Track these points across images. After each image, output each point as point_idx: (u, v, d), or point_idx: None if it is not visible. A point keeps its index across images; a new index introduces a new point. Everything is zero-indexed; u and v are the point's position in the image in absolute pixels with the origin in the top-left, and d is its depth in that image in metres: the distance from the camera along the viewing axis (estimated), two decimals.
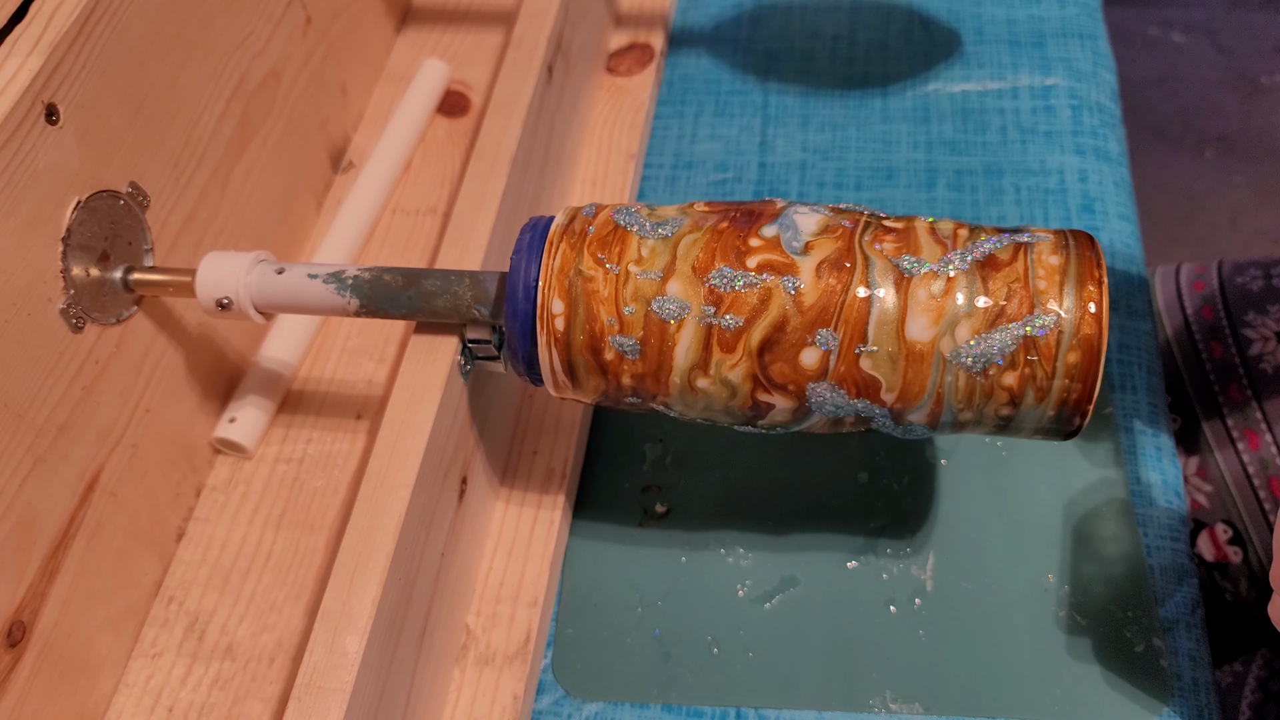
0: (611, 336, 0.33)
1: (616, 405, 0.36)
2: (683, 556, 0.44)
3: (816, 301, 0.32)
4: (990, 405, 0.32)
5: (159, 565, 0.43)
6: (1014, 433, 0.34)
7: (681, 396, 0.34)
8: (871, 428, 0.34)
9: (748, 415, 0.34)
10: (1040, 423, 0.33)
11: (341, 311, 0.37)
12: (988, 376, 0.31)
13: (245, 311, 0.37)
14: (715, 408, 0.34)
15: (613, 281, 0.33)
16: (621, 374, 0.34)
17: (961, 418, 0.33)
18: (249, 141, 0.47)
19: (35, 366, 0.35)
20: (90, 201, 0.37)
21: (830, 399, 0.33)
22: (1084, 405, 0.32)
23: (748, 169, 0.56)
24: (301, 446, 0.47)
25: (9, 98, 0.33)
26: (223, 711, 0.40)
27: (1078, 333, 0.31)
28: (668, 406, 0.35)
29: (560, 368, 0.35)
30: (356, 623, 0.32)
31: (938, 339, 0.31)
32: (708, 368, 0.33)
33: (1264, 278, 0.56)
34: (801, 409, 0.33)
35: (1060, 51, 0.58)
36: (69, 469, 0.37)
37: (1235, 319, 0.55)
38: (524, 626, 0.41)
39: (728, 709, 0.40)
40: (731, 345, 0.32)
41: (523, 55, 0.46)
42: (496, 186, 0.42)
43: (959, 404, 0.32)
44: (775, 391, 0.33)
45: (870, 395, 0.32)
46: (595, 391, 0.35)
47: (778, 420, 0.34)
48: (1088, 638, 0.40)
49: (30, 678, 0.36)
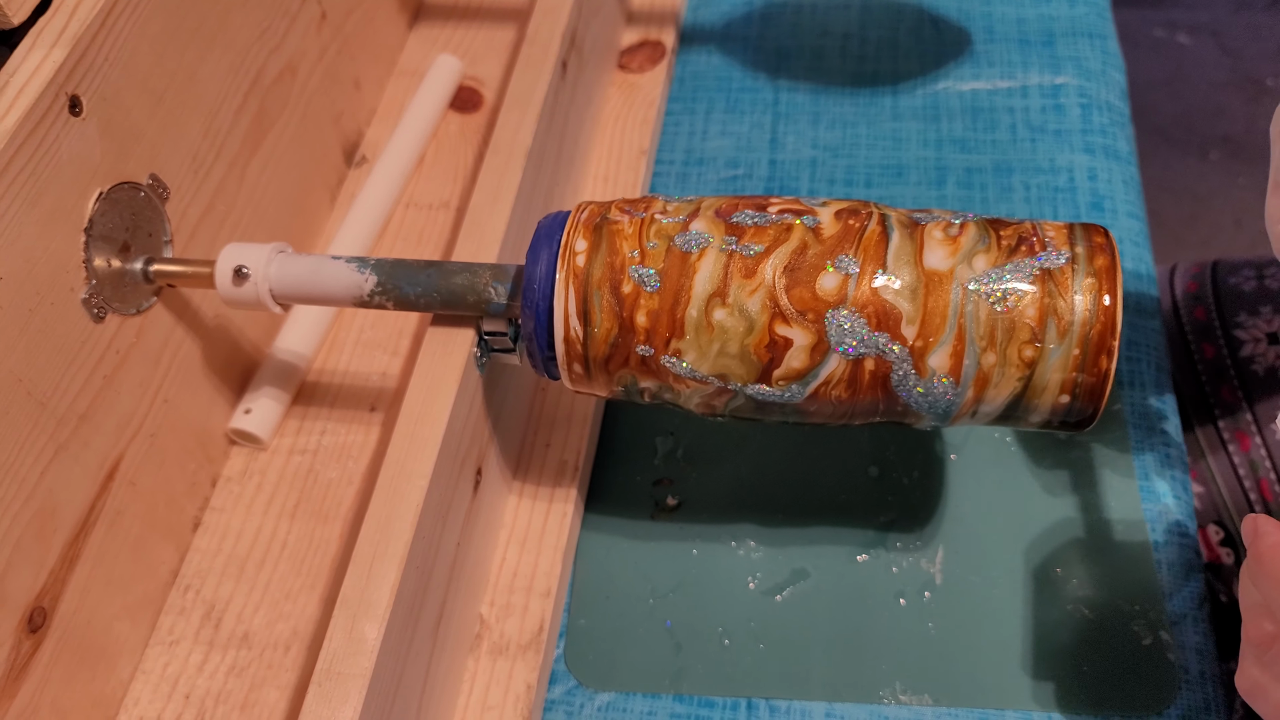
0: (632, 268, 0.34)
1: (626, 372, 0.35)
2: (694, 549, 0.44)
3: (836, 233, 0.33)
4: (1013, 345, 0.32)
5: (176, 554, 0.43)
6: (1036, 399, 0.32)
7: (696, 338, 0.33)
8: (892, 390, 0.33)
9: (764, 363, 0.33)
10: (1066, 368, 0.32)
11: (357, 291, 0.37)
12: (1008, 309, 0.32)
13: (263, 300, 0.38)
14: (730, 351, 0.33)
15: (637, 224, 0.35)
16: (637, 310, 0.34)
17: (985, 363, 0.32)
18: (265, 135, 0.47)
19: (58, 355, 0.35)
20: (112, 193, 0.37)
21: (850, 331, 0.32)
22: (1109, 341, 0.31)
23: (758, 166, 0.56)
24: (316, 438, 0.47)
25: (34, 89, 0.34)
26: (239, 699, 0.40)
27: (1091, 262, 0.32)
28: (678, 363, 0.34)
29: (575, 310, 0.34)
30: (375, 610, 0.32)
31: (955, 267, 0.32)
32: (726, 295, 0.33)
33: (1256, 278, 0.56)
34: (820, 348, 0.33)
35: (1070, 50, 0.58)
36: (90, 457, 0.37)
37: (1227, 320, 0.56)
38: (537, 617, 0.41)
39: (739, 699, 0.40)
40: (751, 270, 0.33)
41: (537, 51, 0.47)
42: (512, 180, 0.42)
43: (981, 340, 0.32)
44: (794, 323, 0.33)
45: (891, 329, 0.32)
46: (605, 341, 0.34)
47: (794, 369, 0.33)
48: (1095, 631, 0.40)
49: (50, 664, 0.37)
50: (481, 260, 0.39)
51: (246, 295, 0.37)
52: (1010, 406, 0.33)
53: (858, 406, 0.34)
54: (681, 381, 0.34)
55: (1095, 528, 0.43)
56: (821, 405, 0.34)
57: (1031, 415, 0.34)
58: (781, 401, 0.34)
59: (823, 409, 0.34)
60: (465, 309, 0.37)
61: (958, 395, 0.33)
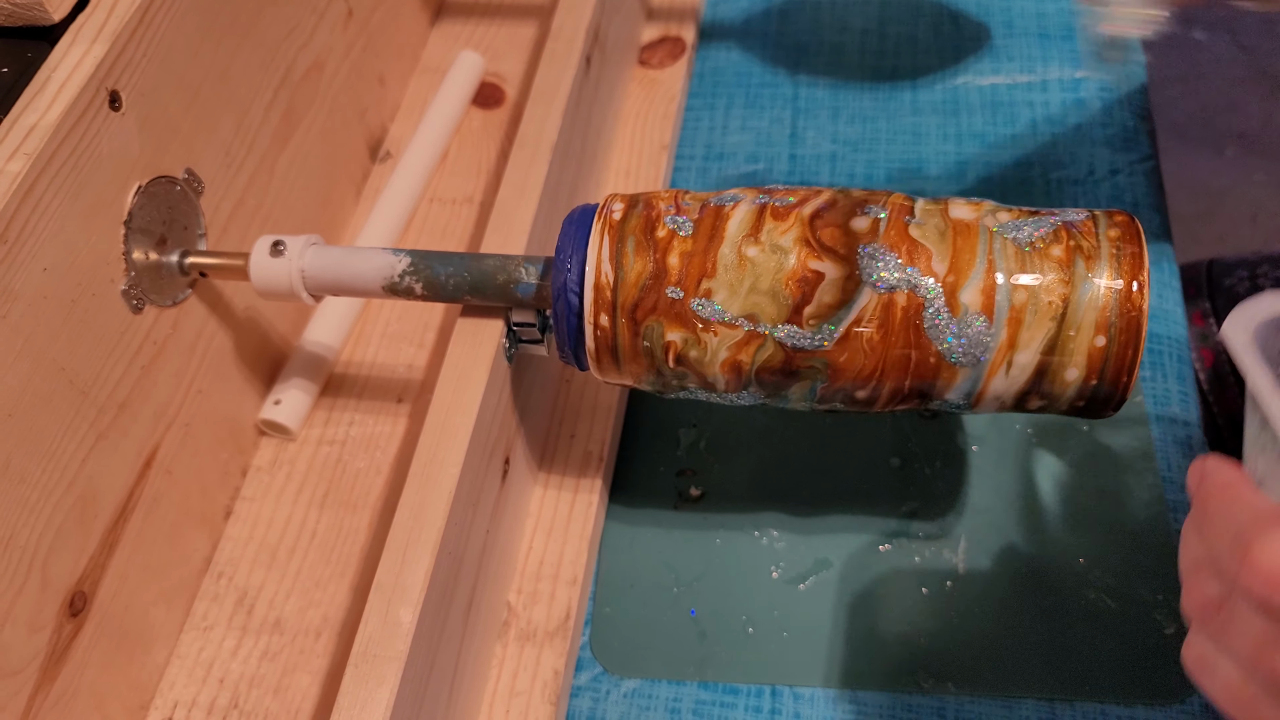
0: (668, 216, 0.35)
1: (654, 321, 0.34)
2: (717, 539, 0.44)
3: (863, 195, 0.35)
4: (1044, 280, 0.32)
5: (209, 542, 0.44)
6: (1071, 344, 0.32)
7: (728, 275, 0.34)
8: (924, 336, 0.33)
9: (795, 299, 0.33)
10: (1099, 305, 0.32)
11: (389, 273, 0.37)
12: (1035, 248, 0.33)
13: (295, 286, 0.38)
14: (761, 288, 0.33)
15: (673, 193, 0.37)
16: (670, 251, 0.34)
17: (1016, 300, 0.32)
18: (294, 130, 0.48)
19: (99, 345, 0.36)
20: (150, 186, 0.38)
21: (882, 264, 0.33)
22: (1139, 274, 0.32)
23: (778, 160, 0.57)
24: (344, 429, 0.48)
25: (75, 84, 0.34)
26: (272, 683, 0.41)
27: (1111, 219, 0.33)
28: (708, 304, 0.34)
29: (609, 255, 0.34)
30: (410, 594, 0.33)
31: (980, 218, 0.34)
32: (759, 234, 0.34)
33: (1250, 279, 0.56)
34: (852, 280, 0.33)
35: (1090, 45, 0.58)
36: (129, 445, 0.38)
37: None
38: (564, 604, 0.42)
39: (763, 686, 0.41)
40: (784, 215, 0.35)
41: (562, 46, 0.47)
42: (539, 174, 0.43)
43: (1012, 275, 0.33)
44: (826, 257, 0.33)
45: (922, 264, 0.33)
46: (636, 284, 0.34)
47: (825, 303, 0.33)
48: (1118, 620, 0.41)
49: (90, 647, 0.37)
50: (508, 252, 0.40)
51: (279, 282, 0.38)
52: (1045, 354, 0.32)
53: (889, 361, 0.33)
54: (710, 329, 0.34)
55: (1117, 518, 0.43)
56: (853, 355, 0.33)
57: (1067, 370, 0.32)
58: (811, 347, 0.33)
59: (853, 362, 0.33)
60: (494, 290, 0.37)
61: (992, 336, 0.33)
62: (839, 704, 0.40)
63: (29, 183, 0.32)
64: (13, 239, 0.32)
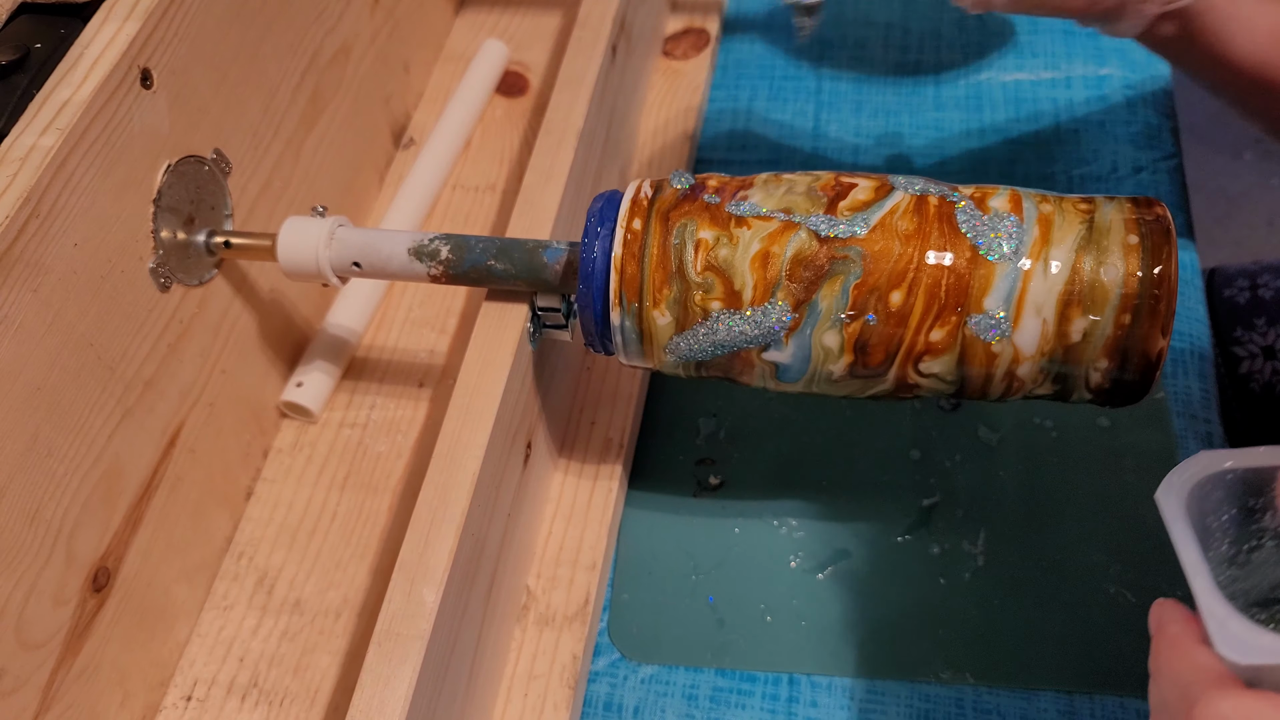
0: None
1: (687, 220, 0.34)
2: (736, 527, 0.44)
3: None
4: (1068, 202, 0.33)
5: (230, 522, 0.44)
6: (1105, 239, 0.32)
7: (765, 186, 0.35)
8: (958, 230, 0.33)
9: (829, 196, 0.34)
10: (1123, 211, 0.33)
11: (420, 238, 0.37)
12: (1056, 196, 0.34)
13: (322, 267, 0.38)
14: (798, 191, 0.35)
15: None
16: (710, 179, 0.36)
17: (1044, 209, 0.33)
18: (320, 114, 0.48)
19: (127, 322, 0.36)
20: (179, 166, 0.38)
21: (911, 182, 0.35)
22: (1157, 207, 0.33)
23: (800, 153, 0.57)
24: (365, 412, 0.48)
25: (108, 60, 0.35)
26: (291, 662, 0.41)
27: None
28: (743, 203, 0.34)
29: (649, 184, 0.36)
30: (434, 574, 0.33)
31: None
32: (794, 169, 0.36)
33: (1250, 289, 0.56)
34: (884, 188, 0.34)
35: (1114, 42, 0.58)
36: (154, 423, 0.38)
37: (1224, 336, 0.55)
38: (583, 589, 0.42)
39: (780, 675, 0.41)
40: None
41: (589, 34, 0.47)
42: (565, 160, 0.43)
43: (1036, 199, 0.34)
44: (858, 177, 0.35)
45: (948, 188, 0.35)
46: (673, 196, 0.35)
47: (859, 200, 0.34)
48: (1137, 615, 0.41)
49: (112, 623, 0.38)
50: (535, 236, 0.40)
51: (306, 259, 0.38)
52: (1081, 249, 0.32)
53: (923, 255, 0.33)
54: (743, 224, 0.34)
55: (1137, 513, 0.43)
56: (887, 245, 0.33)
57: (1105, 267, 0.32)
58: (845, 235, 0.33)
59: (888, 252, 0.33)
60: (521, 256, 0.37)
61: (1024, 231, 0.33)
62: (856, 693, 0.40)
63: (61, 157, 0.33)
64: (45, 213, 0.32)
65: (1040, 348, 0.33)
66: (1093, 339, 0.32)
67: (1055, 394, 0.35)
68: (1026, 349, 0.33)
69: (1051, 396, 0.35)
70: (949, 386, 0.35)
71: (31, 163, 0.32)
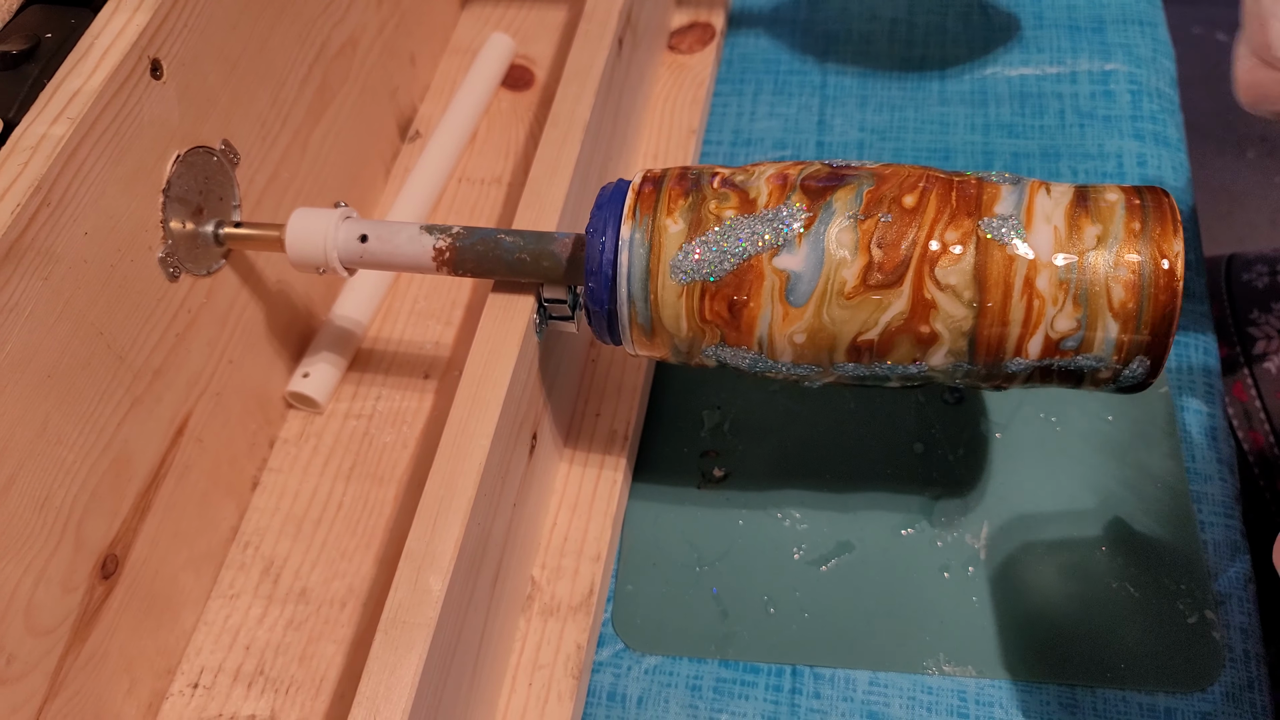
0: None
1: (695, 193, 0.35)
2: (740, 519, 0.45)
3: None
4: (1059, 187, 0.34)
5: (236, 511, 0.45)
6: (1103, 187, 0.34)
7: (769, 164, 0.36)
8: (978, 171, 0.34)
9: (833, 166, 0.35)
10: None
11: (428, 237, 0.38)
12: None
13: (330, 259, 0.38)
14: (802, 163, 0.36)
15: None
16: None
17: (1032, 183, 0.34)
18: (327, 106, 0.48)
19: (136, 311, 0.37)
20: (188, 156, 0.38)
21: None
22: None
23: (806, 147, 0.57)
24: (371, 403, 0.48)
25: (119, 50, 0.35)
26: (297, 651, 0.41)
27: None
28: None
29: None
30: (440, 563, 0.33)
31: None
32: None
33: (1269, 274, 0.56)
34: None
35: (1120, 37, 0.58)
36: (162, 411, 0.39)
37: (1240, 317, 0.55)
38: (587, 579, 0.42)
39: (783, 666, 0.41)
40: None
41: (595, 27, 0.47)
42: (571, 152, 0.43)
43: None
44: None
45: None
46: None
47: (867, 166, 0.35)
48: (1140, 608, 0.41)
49: (119, 611, 0.38)
50: (541, 229, 0.40)
51: (314, 249, 0.38)
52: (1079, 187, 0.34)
53: (933, 174, 0.34)
54: (759, 163, 0.36)
55: (1140, 506, 0.43)
56: (895, 169, 0.34)
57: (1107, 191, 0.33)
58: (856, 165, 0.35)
59: (897, 172, 0.34)
60: (530, 238, 0.37)
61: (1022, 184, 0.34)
62: (859, 685, 0.40)
63: (72, 146, 0.33)
64: (55, 202, 0.32)
65: (1056, 251, 0.33)
66: (1106, 243, 0.32)
67: (1079, 337, 0.33)
68: (1043, 254, 0.33)
69: (1078, 348, 0.33)
70: (968, 312, 0.33)
71: (42, 152, 0.32)
